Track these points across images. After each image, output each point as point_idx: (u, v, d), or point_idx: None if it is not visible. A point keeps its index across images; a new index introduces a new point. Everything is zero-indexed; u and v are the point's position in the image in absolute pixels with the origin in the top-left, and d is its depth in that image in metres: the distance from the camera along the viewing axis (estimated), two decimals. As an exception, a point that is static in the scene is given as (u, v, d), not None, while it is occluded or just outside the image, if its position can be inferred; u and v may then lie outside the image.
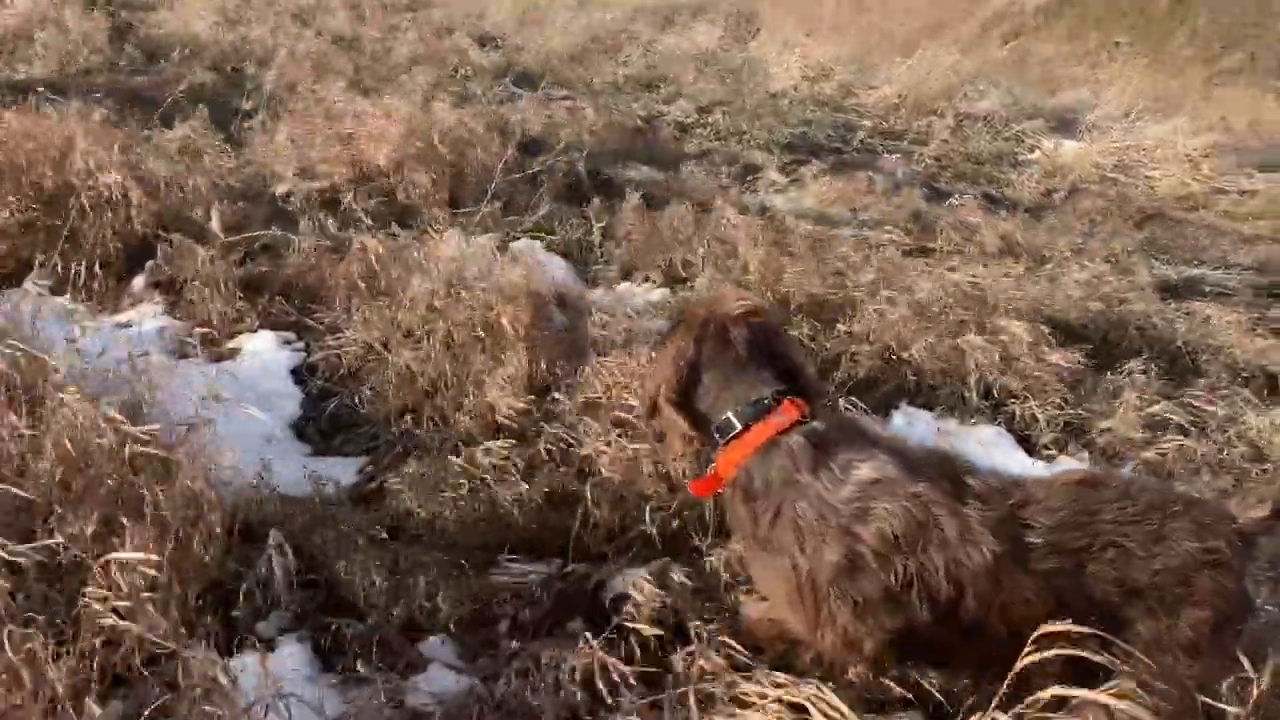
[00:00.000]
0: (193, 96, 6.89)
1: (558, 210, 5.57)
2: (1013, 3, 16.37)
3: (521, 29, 12.59)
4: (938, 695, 2.42)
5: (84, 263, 4.23)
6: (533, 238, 5.17)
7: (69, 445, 2.45)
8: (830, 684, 2.22)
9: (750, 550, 2.31)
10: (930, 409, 4.07)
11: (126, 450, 2.50)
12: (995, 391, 4.12)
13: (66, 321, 3.79)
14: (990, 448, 3.82)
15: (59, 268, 4.23)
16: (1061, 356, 4.20)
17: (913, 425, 3.99)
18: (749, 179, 7.02)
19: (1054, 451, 3.87)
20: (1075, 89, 12.70)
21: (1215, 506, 2.25)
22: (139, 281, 4.27)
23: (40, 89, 6.35)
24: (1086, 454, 3.80)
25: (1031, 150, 9.65)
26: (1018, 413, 4.02)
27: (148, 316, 4.08)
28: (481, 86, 8.65)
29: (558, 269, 4.99)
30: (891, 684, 2.42)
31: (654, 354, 2.48)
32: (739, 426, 2.21)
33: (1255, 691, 2.07)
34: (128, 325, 4.00)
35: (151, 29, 9.09)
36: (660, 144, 7.59)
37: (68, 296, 4.11)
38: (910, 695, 2.42)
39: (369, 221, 4.90)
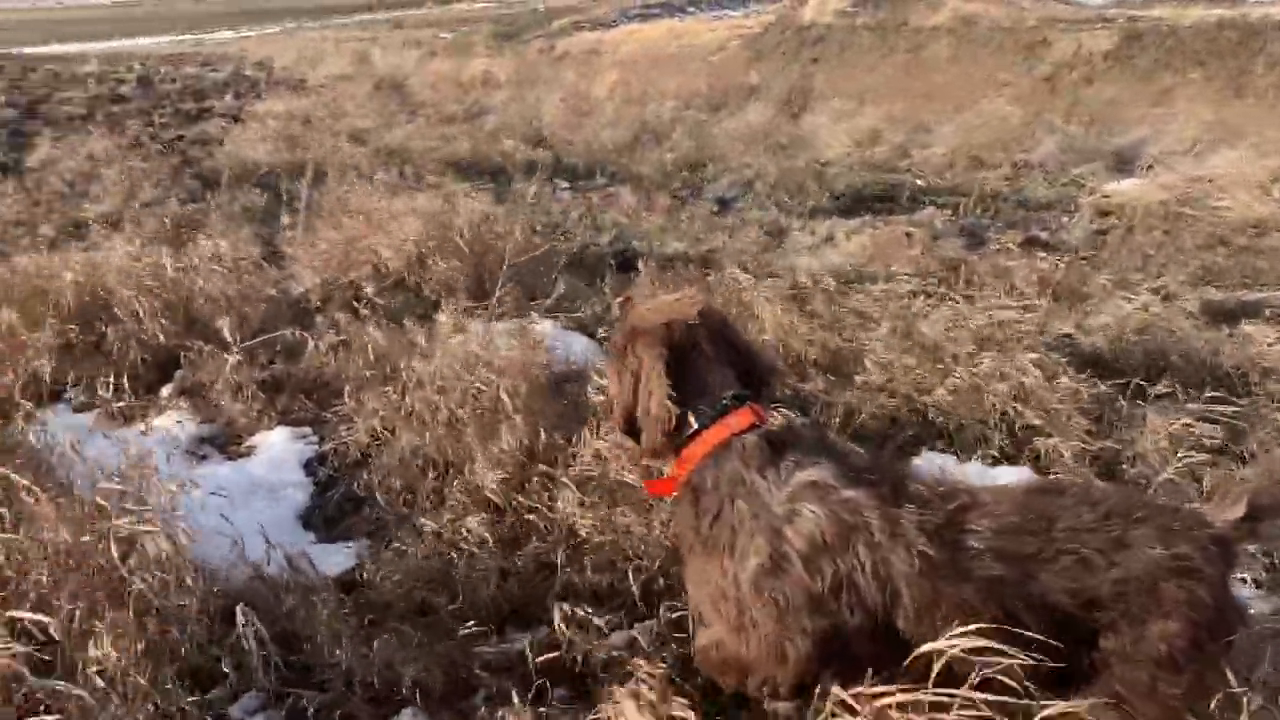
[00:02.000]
0: (242, 217, 7.27)
1: (578, 289, 5.62)
2: (1077, 53, 16.26)
3: (572, 126, 12.91)
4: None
5: (114, 378, 4.39)
6: (554, 317, 5.21)
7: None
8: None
9: (690, 556, 2.26)
10: (954, 452, 3.94)
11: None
12: (1018, 429, 3.96)
13: (89, 436, 3.95)
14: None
15: (92, 384, 4.40)
16: (1084, 387, 4.03)
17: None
18: (781, 243, 6.99)
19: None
20: (1137, 129, 12.44)
21: (1185, 511, 2.10)
22: (166, 390, 4.43)
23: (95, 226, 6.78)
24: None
25: (1090, 193, 9.44)
26: (1043, 449, 3.85)
27: (172, 424, 4.21)
28: (524, 184, 8.85)
29: (579, 346, 5.02)
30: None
31: (613, 365, 2.45)
32: (695, 427, 2.23)
33: (1246, 708, 1.91)
34: (148, 433, 4.13)
35: (213, 161, 9.58)
36: (697, 218, 7.63)
37: (97, 412, 4.27)
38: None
39: (384, 317, 5.01)
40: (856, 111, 13.52)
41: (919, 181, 10.04)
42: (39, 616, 2.37)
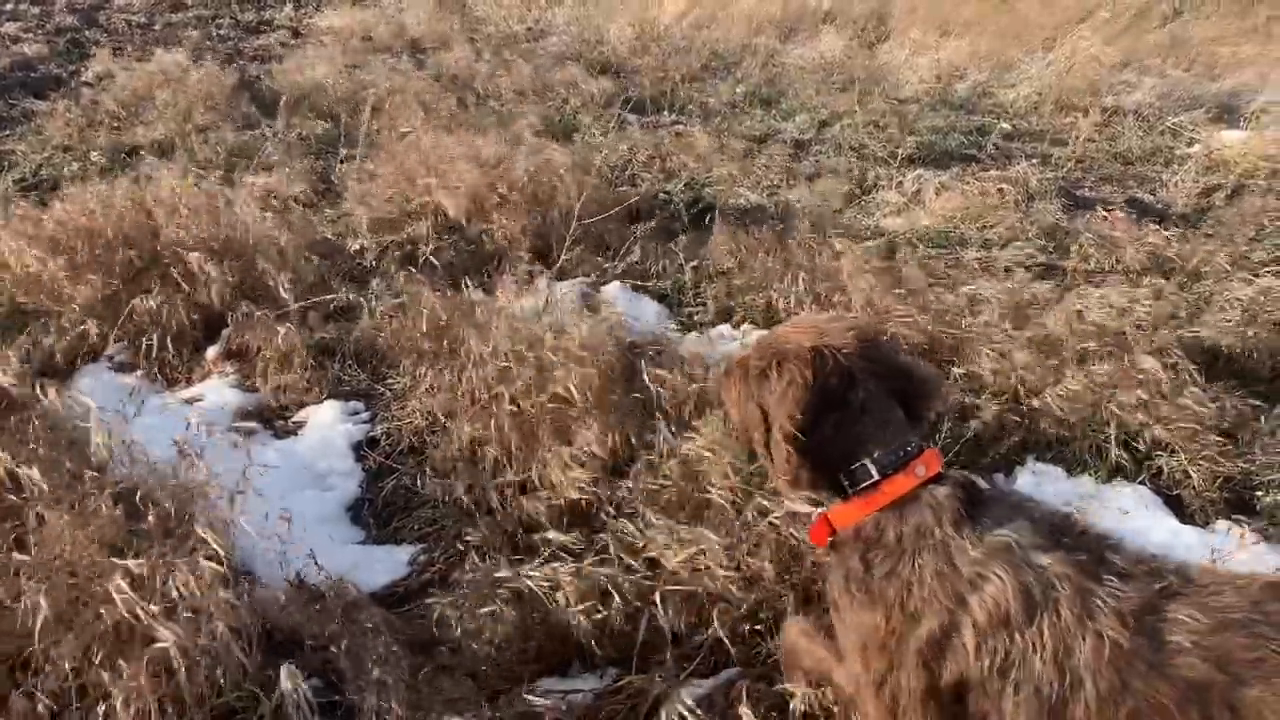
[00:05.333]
0: (299, 149, 6.95)
1: (652, 248, 5.25)
2: (1177, -15, 15.25)
3: (639, 52, 12.35)
4: None
5: (159, 336, 4.14)
6: (624, 281, 4.86)
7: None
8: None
9: (844, 597, 2.02)
10: (1063, 465, 3.57)
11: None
12: (1139, 443, 3.57)
13: (129, 400, 3.71)
14: (1132, 510, 3.30)
15: (134, 342, 4.15)
16: (1214, 398, 3.62)
17: (1042, 484, 3.50)
18: (864, 198, 6.54)
19: (1210, 515, 3.31)
20: (1240, 72, 11.62)
21: None
22: (212, 352, 4.17)
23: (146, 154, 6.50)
24: (1246, 521, 3.22)
25: (1189, 144, 8.79)
26: (1165, 468, 3.47)
27: (217, 390, 3.96)
28: (590, 117, 8.41)
29: (650, 314, 4.69)
30: None
31: (734, 382, 2.25)
32: (876, 476, 2.01)
33: None
34: (195, 400, 3.89)
35: (273, 81, 9.23)
36: (772, 165, 7.17)
37: (139, 372, 4.03)
38: None
39: (446, 275, 4.68)
40: (938, 44, 12.77)
41: (1004, 125, 9.44)
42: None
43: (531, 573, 2.70)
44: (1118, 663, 1.71)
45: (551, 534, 2.96)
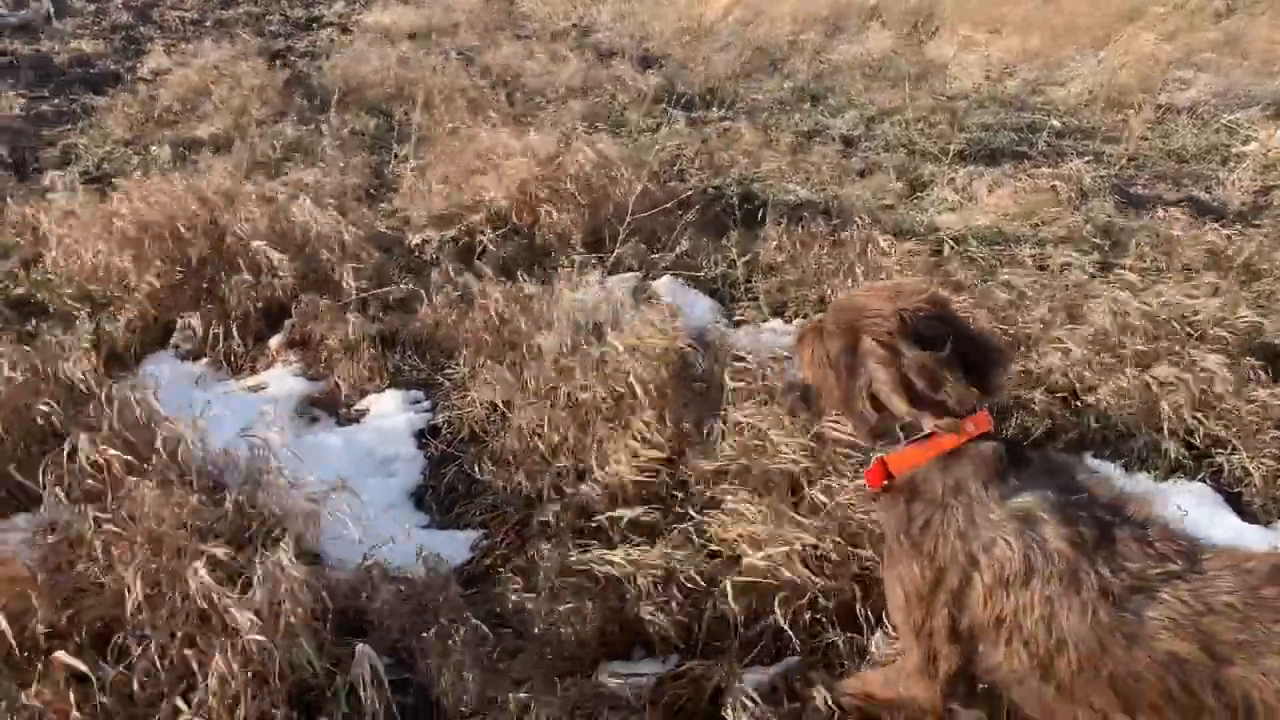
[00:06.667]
0: (352, 144, 7.05)
1: (702, 243, 5.27)
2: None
3: (685, 48, 12.36)
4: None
5: (224, 324, 4.23)
6: (675, 275, 4.89)
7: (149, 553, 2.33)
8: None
9: (891, 553, 2.17)
10: (1120, 462, 3.56)
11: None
12: (1198, 440, 3.55)
13: (195, 388, 3.80)
14: (1192, 509, 3.27)
15: (200, 330, 4.24)
16: (1275, 394, 3.59)
17: (1099, 481, 3.48)
18: (917, 195, 6.52)
19: (1272, 513, 3.29)
20: (1301, 69, 11.42)
21: None
22: (275, 341, 4.25)
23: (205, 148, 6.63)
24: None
25: (1245, 142, 8.66)
26: (1225, 466, 3.45)
27: (281, 378, 4.04)
28: (638, 113, 8.44)
29: (701, 308, 4.71)
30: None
31: (818, 349, 2.31)
32: (927, 430, 2.09)
33: None
34: (260, 388, 3.97)
35: (323, 76, 9.34)
36: (821, 161, 7.16)
37: (205, 360, 4.12)
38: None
39: (501, 268, 4.73)
40: (989, 41, 12.68)
41: (1055, 122, 9.36)
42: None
43: (609, 556, 2.75)
44: (1099, 631, 1.84)
45: (621, 511, 2.99)
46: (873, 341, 2.08)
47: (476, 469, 3.49)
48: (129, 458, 2.71)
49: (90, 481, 2.73)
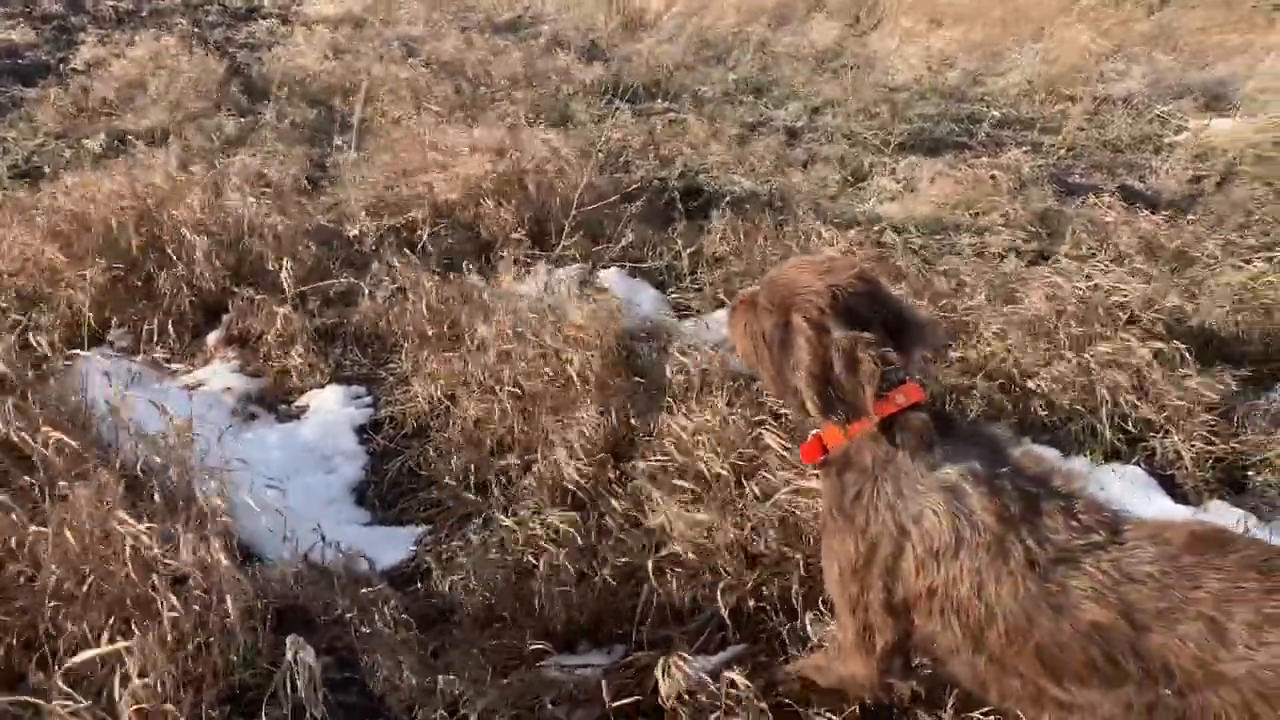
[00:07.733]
0: (292, 136, 6.94)
1: (648, 235, 5.26)
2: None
3: (630, 40, 12.34)
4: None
5: (160, 320, 4.14)
6: (621, 266, 4.88)
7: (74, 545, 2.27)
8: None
9: (826, 527, 2.19)
10: (1059, 447, 3.61)
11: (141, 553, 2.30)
12: (1132, 424, 3.62)
13: (131, 386, 3.72)
14: (1126, 491, 3.34)
15: (136, 327, 4.16)
16: (1205, 379, 3.67)
17: (1037, 466, 3.53)
18: (859, 185, 6.57)
19: (1203, 494, 3.36)
20: (1228, 60, 11.67)
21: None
22: (213, 337, 4.18)
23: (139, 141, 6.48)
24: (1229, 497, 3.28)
25: (1177, 132, 8.85)
26: (1159, 449, 3.52)
27: (219, 375, 3.97)
28: (582, 105, 8.41)
29: (647, 300, 4.70)
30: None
31: (749, 324, 2.27)
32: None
33: None
34: (197, 386, 3.90)
35: (263, 67, 9.19)
36: (765, 152, 7.18)
37: (140, 358, 4.04)
38: None
39: (444, 261, 4.69)
40: (929, 32, 12.81)
41: (995, 113, 9.49)
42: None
43: (529, 547, 2.74)
44: (1025, 602, 1.87)
45: (552, 515, 2.98)
46: (802, 319, 2.06)
47: (420, 464, 3.46)
48: (57, 459, 2.63)
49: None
